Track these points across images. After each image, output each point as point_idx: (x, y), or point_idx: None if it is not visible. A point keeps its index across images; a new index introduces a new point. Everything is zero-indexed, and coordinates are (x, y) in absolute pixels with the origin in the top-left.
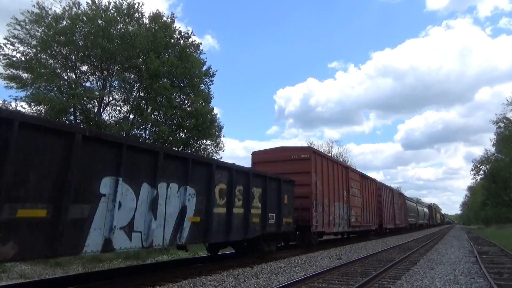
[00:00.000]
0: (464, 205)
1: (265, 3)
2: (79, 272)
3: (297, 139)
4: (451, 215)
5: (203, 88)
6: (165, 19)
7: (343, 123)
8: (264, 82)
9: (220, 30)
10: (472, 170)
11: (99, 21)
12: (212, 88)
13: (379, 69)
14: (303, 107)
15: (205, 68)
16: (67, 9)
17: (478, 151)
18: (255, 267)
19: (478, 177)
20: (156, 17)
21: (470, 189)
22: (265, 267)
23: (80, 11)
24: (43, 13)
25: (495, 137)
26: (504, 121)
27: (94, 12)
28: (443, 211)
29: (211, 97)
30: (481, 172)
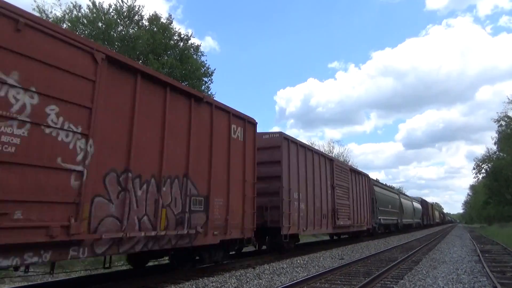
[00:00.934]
0: (466, 204)
1: (266, 4)
2: (81, 274)
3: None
4: (453, 214)
5: (203, 89)
6: (163, 20)
7: (344, 123)
8: (264, 83)
9: (220, 31)
10: (474, 168)
11: (100, 24)
12: (213, 89)
13: (379, 68)
14: (303, 107)
15: (204, 68)
16: (67, 12)
17: (480, 150)
18: (257, 268)
19: (480, 176)
20: (154, 19)
21: (472, 187)
22: (268, 267)
23: (80, 14)
24: (44, 16)
25: (496, 135)
26: (506, 119)
27: (95, 14)
28: (445, 210)
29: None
30: (483, 170)
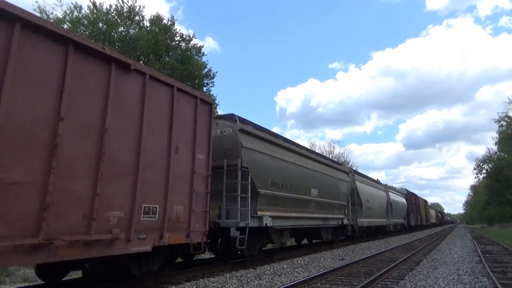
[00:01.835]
0: (467, 204)
1: (266, 5)
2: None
3: (298, 140)
4: (454, 215)
5: (204, 90)
6: (165, 21)
7: (344, 123)
8: (265, 83)
9: (221, 32)
10: (474, 169)
11: (100, 24)
12: (213, 90)
13: (380, 69)
14: (304, 108)
15: (205, 70)
16: (68, 12)
17: (481, 150)
18: (258, 268)
19: (481, 176)
20: (156, 20)
21: (473, 188)
22: (268, 268)
23: (81, 15)
24: (44, 16)
25: (497, 135)
26: (506, 119)
27: (95, 15)
28: (446, 210)
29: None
30: (483, 171)
